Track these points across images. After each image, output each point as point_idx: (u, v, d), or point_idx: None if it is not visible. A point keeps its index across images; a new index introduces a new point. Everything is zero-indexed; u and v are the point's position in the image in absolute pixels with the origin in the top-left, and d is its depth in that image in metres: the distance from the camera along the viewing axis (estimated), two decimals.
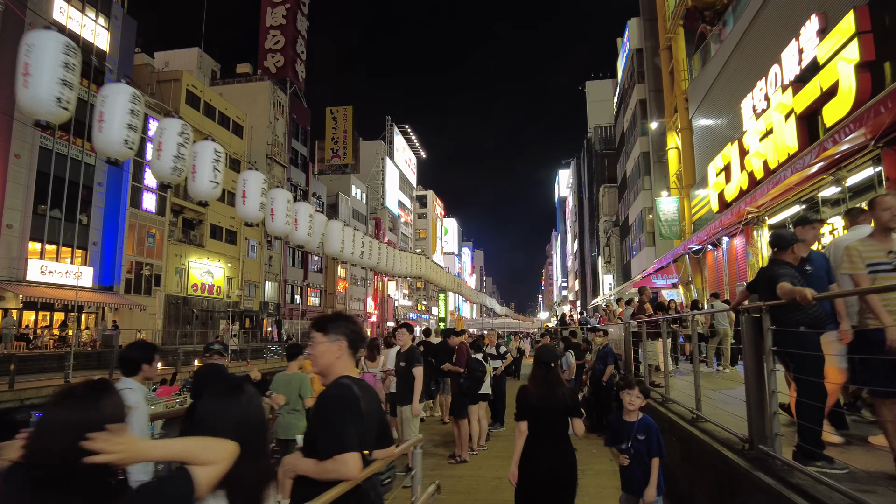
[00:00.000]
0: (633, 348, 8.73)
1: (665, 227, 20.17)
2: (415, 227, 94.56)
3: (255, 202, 8.66)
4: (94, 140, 6.06)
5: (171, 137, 6.58)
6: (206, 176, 7.25)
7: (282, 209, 9.00)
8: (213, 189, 7.39)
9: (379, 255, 11.26)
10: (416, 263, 12.88)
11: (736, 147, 13.29)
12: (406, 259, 12.32)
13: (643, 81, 27.37)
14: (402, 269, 11.94)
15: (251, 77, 47.32)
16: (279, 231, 8.94)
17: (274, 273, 44.44)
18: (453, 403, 7.16)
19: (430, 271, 14.13)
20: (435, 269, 14.98)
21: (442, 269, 15.99)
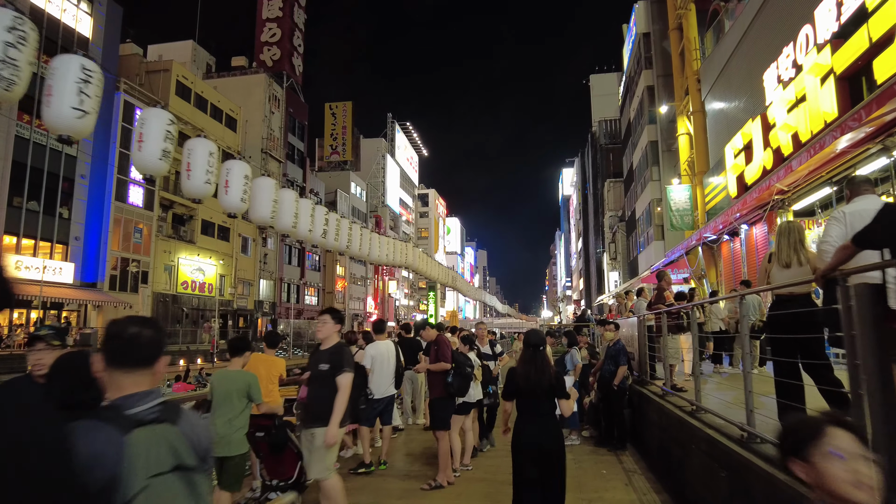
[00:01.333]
0: (648, 345, 7.41)
1: (676, 217, 18.82)
2: (417, 225, 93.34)
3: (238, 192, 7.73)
4: (43, 116, 5.46)
5: (154, 129, 6.19)
6: (202, 177, 6.96)
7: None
8: (209, 187, 7.13)
9: (349, 238, 9.83)
10: (401, 251, 11.55)
11: (758, 123, 11.95)
12: (387, 245, 10.98)
13: (650, 67, 26.00)
14: (382, 255, 10.61)
15: (246, 70, 46.15)
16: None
17: (269, 271, 43.24)
18: (433, 412, 5.83)
19: (419, 261, 12.82)
20: (424, 259, 13.67)
21: (433, 261, 14.68)
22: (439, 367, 5.68)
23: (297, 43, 49.73)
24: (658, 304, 6.78)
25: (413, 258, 12.22)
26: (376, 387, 5.86)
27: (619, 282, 36.03)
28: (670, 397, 5.88)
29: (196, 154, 6.97)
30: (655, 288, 7.12)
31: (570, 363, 7.29)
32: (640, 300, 8.60)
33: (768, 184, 10.79)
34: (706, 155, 18.14)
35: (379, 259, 10.72)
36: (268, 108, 44.13)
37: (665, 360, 6.11)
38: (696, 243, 17.15)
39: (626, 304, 11.12)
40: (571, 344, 7.55)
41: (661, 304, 6.68)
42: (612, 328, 6.98)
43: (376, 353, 5.93)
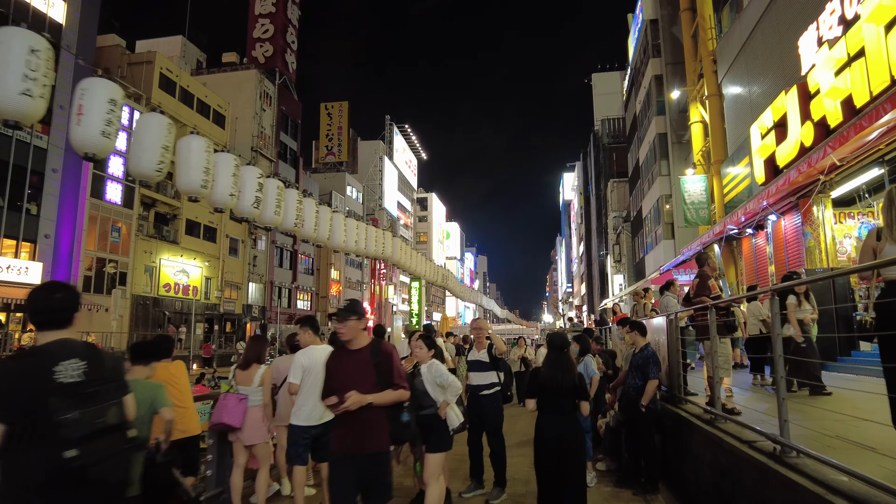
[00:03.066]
0: (681, 352, 5.72)
1: (691, 210, 17.17)
2: (415, 230, 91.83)
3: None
4: None
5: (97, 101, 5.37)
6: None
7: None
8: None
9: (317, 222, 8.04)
10: (377, 240, 9.83)
11: (794, 94, 10.31)
12: (359, 231, 9.26)
13: (658, 55, 24.41)
14: (350, 242, 8.88)
15: (237, 66, 44.74)
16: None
17: (259, 274, 41.59)
18: None
19: (400, 253, 11.08)
20: (407, 251, 11.88)
21: (418, 254, 12.92)
22: (384, 398, 3.20)
23: (290, 40, 48.39)
24: (700, 295, 5.12)
25: (391, 249, 10.48)
26: (305, 410, 4.19)
27: (624, 285, 34.34)
28: (725, 424, 4.20)
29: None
30: (697, 275, 5.46)
31: (585, 375, 5.60)
32: (669, 296, 6.94)
33: (808, 164, 9.16)
34: (724, 142, 16.50)
35: (349, 248, 8.99)
36: (259, 104, 42.69)
37: (714, 371, 4.43)
38: (713, 239, 15.49)
39: (644, 304, 9.44)
40: (584, 351, 5.91)
41: (705, 297, 5.03)
42: (635, 332, 5.28)
43: (310, 364, 4.14)
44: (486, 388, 5.34)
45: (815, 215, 10.84)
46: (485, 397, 5.33)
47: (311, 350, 4.31)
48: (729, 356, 5.07)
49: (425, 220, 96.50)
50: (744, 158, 14.73)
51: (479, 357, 5.44)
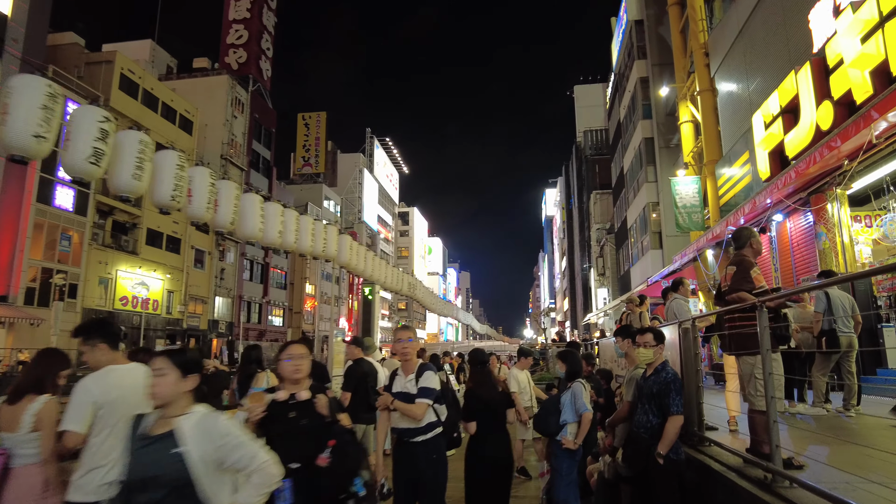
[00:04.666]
0: (699, 371, 4.15)
1: (683, 214, 15.81)
2: (396, 244, 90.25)
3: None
4: None
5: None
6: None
7: None
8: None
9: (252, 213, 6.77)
10: (322, 237, 8.08)
11: (807, 71, 8.98)
12: (300, 224, 7.57)
13: (644, 57, 23.32)
14: (288, 240, 7.24)
15: (208, 72, 43.04)
16: None
17: (227, 287, 39.51)
18: None
19: (349, 252, 9.34)
20: (361, 253, 10.14)
21: (375, 256, 11.18)
22: None
23: (265, 46, 46.90)
24: (738, 290, 3.55)
25: (346, 253, 8.73)
26: (94, 477, 2.54)
27: (609, 299, 32.98)
28: (791, 490, 2.61)
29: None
30: (733, 262, 3.90)
31: (572, 409, 4.09)
32: (678, 299, 5.42)
33: (826, 150, 7.77)
34: (717, 141, 15.21)
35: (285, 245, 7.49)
36: (230, 111, 40.96)
37: (769, 403, 2.86)
38: (708, 244, 14.09)
39: (641, 313, 7.92)
40: (573, 375, 4.30)
41: (745, 291, 3.47)
42: (650, 338, 3.58)
43: (107, 398, 2.52)
44: (421, 431, 3.60)
45: (829, 213, 9.46)
46: (418, 446, 3.60)
47: (110, 374, 2.63)
48: (782, 379, 3.50)
49: (407, 235, 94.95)
50: (741, 157, 13.42)
51: (406, 386, 3.66)
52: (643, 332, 3.50)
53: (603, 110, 46.86)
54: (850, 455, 3.65)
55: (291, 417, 2.69)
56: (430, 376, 3.64)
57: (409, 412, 3.54)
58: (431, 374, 3.66)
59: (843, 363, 5.64)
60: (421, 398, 3.56)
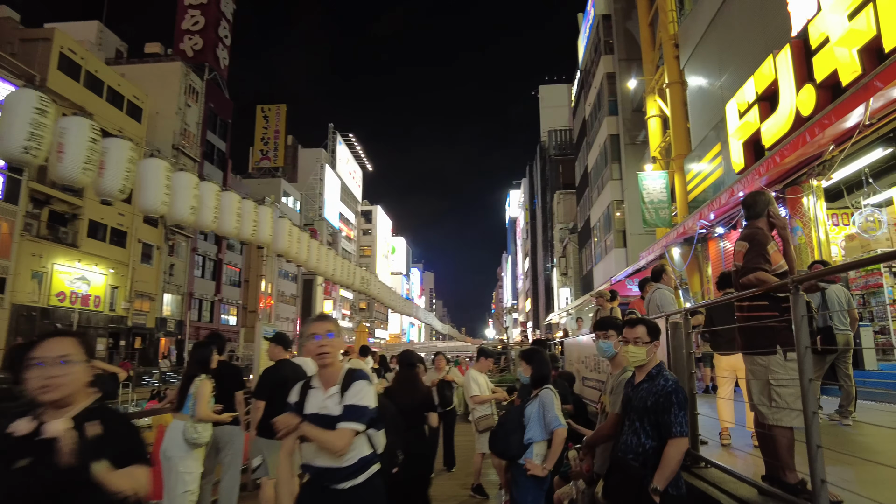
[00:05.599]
0: (693, 374, 3.40)
1: (650, 210, 15.32)
2: (359, 243, 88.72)
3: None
4: None
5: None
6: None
7: None
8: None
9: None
10: (252, 218, 7.06)
11: (787, 54, 8.46)
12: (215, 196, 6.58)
13: (611, 52, 22.92)
14: (204, 218, 6.27)
15: (161, 58, 40.98)
16: None
17: (177, 284, 37.61)
18: None
19: (288, 238, 8.28)
20: (304, 240, 9.06)
21: (324, 248, 10.13)
22: None
23: (223, 34, 45.11)
24: (754, 270, 2.83)
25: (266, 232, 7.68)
26: None
27: (571, 298, 32.62)
28: None
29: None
30: (744, 236, 3.08)
31: (540, 425, 3.28)
32: (662, 289, 4.71)
33: (808, 135, 7.22)
34: (686, 135, 14.79)
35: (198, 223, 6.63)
36: (183, 100, 39.06)
37: (810, 421, 2.10)
38: (676, 240, 13.62)
39: (611, 309, 7.21)
40: (541, 380, 3.50)
41: (765, 270, 2.71)
42: (643, 333, 2.72)
43: None
44: (347, 473, 2.44)
45: (805, 207, 8.98)
46: (343, 496, 2.43)
47: None
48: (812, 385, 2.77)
49: (370, 234, 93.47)
50: (711, 150, 12.96)
51: (325, 405, 2.50)
52: (633, 324, 2.70)
53: (568, 110, 46.72)
54: (878, 477, 2.95)
55: (18, 468, 1.69)
56: (361, 389, 2.48)
57: (328, 443, 2.36)
58: (364, 386, 2.49)
59: (839, 364, 5.02)
60: (347, 422, 2.40)
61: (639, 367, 2.74)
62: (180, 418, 4.70)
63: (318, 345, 2.50)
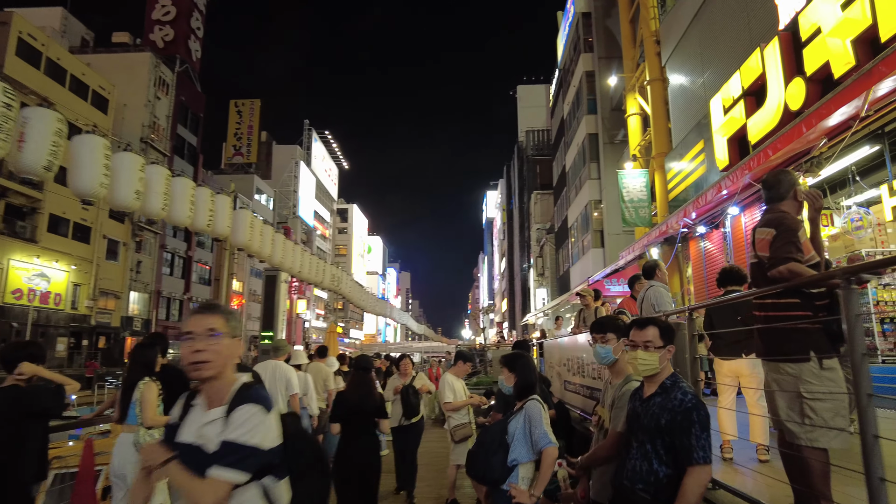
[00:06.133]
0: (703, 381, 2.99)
1: (630, 209, 15.07)
2: (334, 242, 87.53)
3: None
4: None
5: None
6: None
7: None
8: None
9: None
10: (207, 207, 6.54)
11: (775, 46, 8.20)
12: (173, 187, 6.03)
13: (590, 51, 22.71)
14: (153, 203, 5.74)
15: (129, 48, 39.67)
16: None
17: (144, 282, 36.41)
18: None
19: (249, 231, 7.69)
20: (268, 233, 8.45)
21: (290, 242, 9.52)
22: None
23: (195, 25, 43.91)
24: (785, 261, 2.43)
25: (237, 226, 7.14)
26: None
27: (547, 299, 32.42)
28: None
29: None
30: (767, 221, 2.69)
31: (526, 443, 2.77)
32: (657, 286, 4.30)
33: (805, 126, 6.94)
34: (667, 133, 14.57)
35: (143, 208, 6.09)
36: (153, 92, 37.83)
37: (868, 435, 1.70)
38: (656, 240, 13.36)
39: (596, 309, 6.83)
40: (526, 389, 2.99)
41: (797, 260, 2.30)
42: (655, 336, 2.24)
43: None
44: None
45: None
46: None
47: None
48: (846, 399, 2.31)
49: (345, 233, 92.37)
50: (693, 148, 12.74)
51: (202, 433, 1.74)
52: (642, 325, 2.27)
53: (545, 111, 46.63)
54: None
55: None
56: (250, 418, 1.69)
57: (192, 496, 1.63)
58: (255, 414, 1.70)
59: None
60: (221, 468, 1.63)
61: (649, 377, 2.29)
62: (129, 430, 4.16)
63: (192, 349, 1.73)
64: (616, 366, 2.77)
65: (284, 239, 9.95)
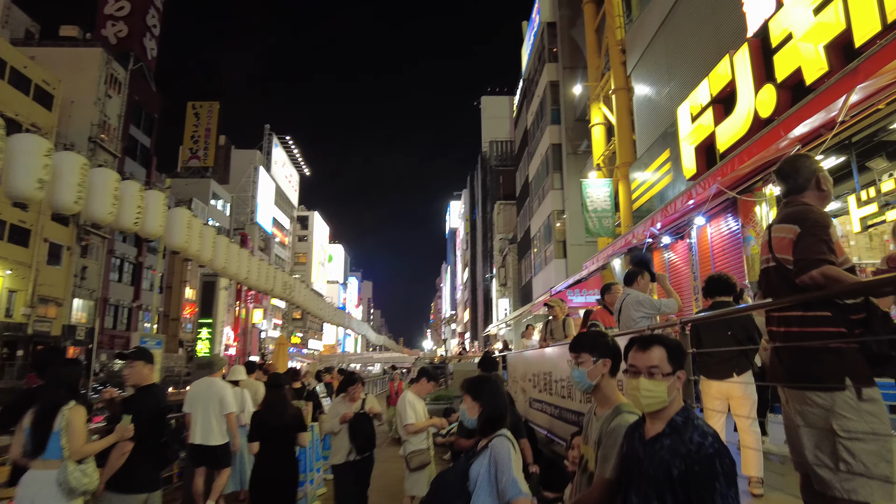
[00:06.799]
0: None
1: (594, 219, 14.86)
2: (294, 249, 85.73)
3: None
4: None
5: None
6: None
7: None
8: None
9: None
10: (135, 202, 5.86)
11: (744, 53, 8.04)
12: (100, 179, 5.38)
13: (555, 60, 22.66)
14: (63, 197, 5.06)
15: (79, 42, 37.90)
16: None
17: (89, 289, 34.53)
18: None
19: (195, 238, 6.95)
20: (208, 236, 7.72)
21: (234, 245, 8.78)
22: None
23: (151, 23, 42.40)
24: (818, 261, 1.93)
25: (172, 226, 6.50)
26: None
27: (510, 310, 32.18)
28: None
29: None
30: (789, 216, 2.18)
31: (491, 492, 2.15)
32: (633, 293, 3.86)
33: (771, 137, 6.77)
34: (631, 143, 14.44)
35: None
36: (103, 89, 36.14)
37: None
38: (619, 251, 13.17)
39: (565, 321, 6.40)
40: (491, 424, 2.39)
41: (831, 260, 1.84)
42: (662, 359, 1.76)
43: None
44: None
45: (758, 216, 8.59)
46: None
47: None
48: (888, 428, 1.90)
49: (305, 240, 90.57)
50: (658, 158, 12.59)
51: None
52: (646, 345, 1.82)
53: (509, 122, 46.75)
54: None
55: None
56: None
57: None
58: None
59: None
60: None
61: (652, 415, 1.81)
62: (48, 466, 3.37)
63: None
64: (599, 392, 2.23)
65: (229, 242, 9.22)
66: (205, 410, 5.53)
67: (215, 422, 5.50)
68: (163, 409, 3.71)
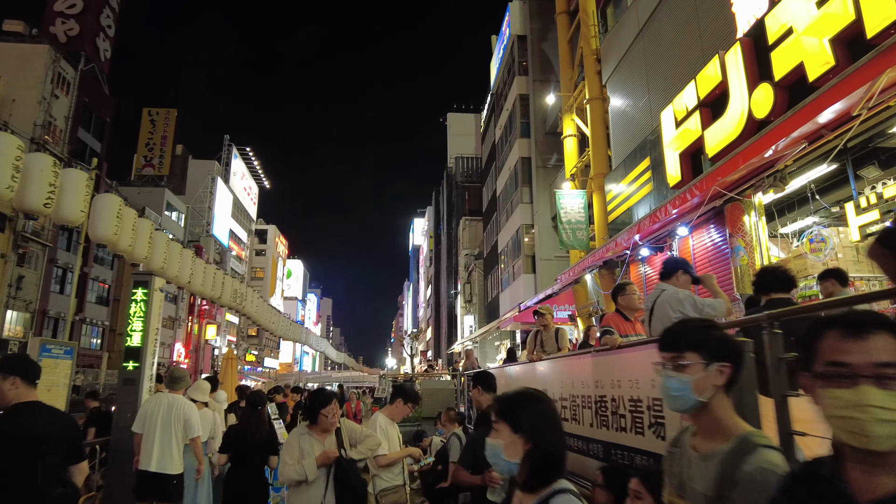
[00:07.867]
0: None
1: (568, 231, 14.34)
2: (251, 264, 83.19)
3: None
4: None
5: None
6: None
7: None
8: None
9: None
10: (47, 182, 4.97)
11: (736, 52, 7.64)
12: None
13: (525, 74, 22.38)
14: None
15: (24, 38, 35.95)
16: None
17: (26, 300, 32.21)
18: None
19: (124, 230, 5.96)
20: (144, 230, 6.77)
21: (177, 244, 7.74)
22: None
23: (105, 23, 40.66)
24: None
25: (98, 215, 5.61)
26: None
27: (475, 326, 31.48)
28: None
29: None
30: None
31: None
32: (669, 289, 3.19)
33: (765, 142, 6.35)
34: (605, 154, 14.06)
35: None
36: (49, 89, 34.22)
37: None
38: (595, 263, 12.68)
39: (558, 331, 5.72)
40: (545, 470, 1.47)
41: None
42: None
43: None
44: None
45: (747, 225, 8.15)
46: None
47: None
48: None
49: (264, 255, 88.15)
50: (636, 168, 12.20)
51: None
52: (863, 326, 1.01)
53: (475, 139, 46.60)
54: None
55: None
56: None
57: None
58: None
59: None
60: None
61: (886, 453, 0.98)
62: None
63: None
64: (707, 415, 1.48)
65: (169, 239, 8.21)
66: (164, 433, 4.69)
67: (176, 447, 4.65)
68: (34, 437, 2.72)
